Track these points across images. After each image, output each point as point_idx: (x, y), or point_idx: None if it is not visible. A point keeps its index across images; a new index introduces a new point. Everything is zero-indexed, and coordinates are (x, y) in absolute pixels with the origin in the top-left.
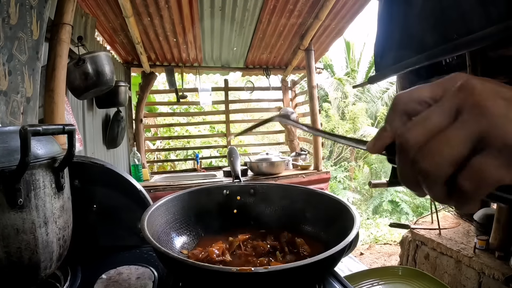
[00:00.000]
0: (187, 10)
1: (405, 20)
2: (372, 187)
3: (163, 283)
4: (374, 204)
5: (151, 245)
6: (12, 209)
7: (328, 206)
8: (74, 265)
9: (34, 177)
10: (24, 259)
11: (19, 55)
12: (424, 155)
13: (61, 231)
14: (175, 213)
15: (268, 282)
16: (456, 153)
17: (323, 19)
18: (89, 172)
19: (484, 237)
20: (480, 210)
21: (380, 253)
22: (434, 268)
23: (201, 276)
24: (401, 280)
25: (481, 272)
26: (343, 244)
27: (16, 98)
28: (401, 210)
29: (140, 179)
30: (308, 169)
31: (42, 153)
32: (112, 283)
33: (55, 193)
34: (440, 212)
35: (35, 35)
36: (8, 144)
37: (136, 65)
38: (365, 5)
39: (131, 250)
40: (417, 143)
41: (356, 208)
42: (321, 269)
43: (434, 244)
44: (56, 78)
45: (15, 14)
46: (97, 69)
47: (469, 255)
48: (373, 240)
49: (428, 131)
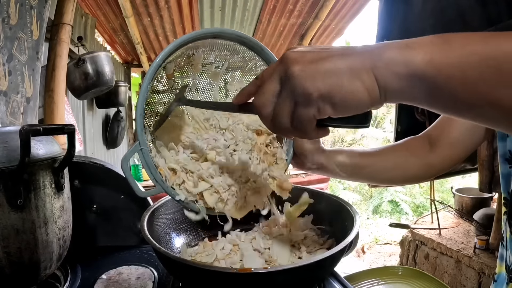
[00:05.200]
0: (187, 10)
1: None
2: (371, 186)
3: (163, 283)
4: (374, 204)
5: (151, 245)
6: (12, 209)
7: (328, 206)
8: (74, 265)
9: (34, 177)
10: (24, 259)
11: (19, 55)
12: (274, 117)
13: (61, 231)
14: (175, 213)
15: (268, 282)
16: (286, 110)
17: (323, 19)
18: (89, 172)
19: (484, 237)
20: (480, 210)
21: (380, 253)
22: (434, 268)
23: (201, 276)
24: (401, 280)
25: (481, 272)
26: (343, 244)
27: (16, 98)
28: (401, 210)
29: (140, 179)
30: None
31: (42, 153)
32: (112, 283)
33: (55, 193)
34: (440, 212)
35: (35, 35)
36: (8, 144)
37: (136, 65)
38: (365, 5)
39: (131, 250)
40: (265, 107)
41: (356, 208)
42: (321, 269)
43: (434, 244)
44: (56, 78)
45: (15, 14)
46: (97, 69)
47: (469, 255)
48: (373, 240)
49: (268, 96)
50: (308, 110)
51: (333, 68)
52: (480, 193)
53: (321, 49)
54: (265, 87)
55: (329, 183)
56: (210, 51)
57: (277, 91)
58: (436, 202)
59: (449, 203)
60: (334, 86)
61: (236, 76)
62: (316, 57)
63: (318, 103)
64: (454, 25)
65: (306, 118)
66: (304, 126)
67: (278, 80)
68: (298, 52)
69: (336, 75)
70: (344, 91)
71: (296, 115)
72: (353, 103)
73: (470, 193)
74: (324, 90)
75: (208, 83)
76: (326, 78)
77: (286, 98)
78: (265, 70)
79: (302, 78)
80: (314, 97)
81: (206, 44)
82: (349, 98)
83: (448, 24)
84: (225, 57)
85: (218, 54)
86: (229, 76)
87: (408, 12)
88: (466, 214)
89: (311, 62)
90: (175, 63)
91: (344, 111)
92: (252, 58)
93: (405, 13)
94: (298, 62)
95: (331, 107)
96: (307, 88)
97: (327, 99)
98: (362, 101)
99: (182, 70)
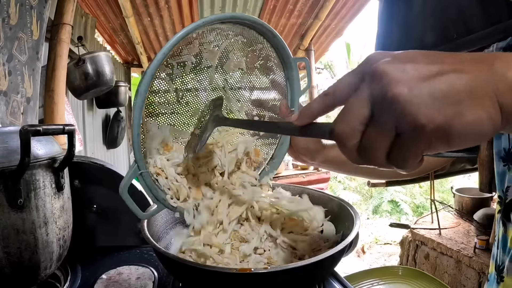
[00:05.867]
0: (187, 10)
1: (405, 20)
2: (371, 186)
3: (163, 283)
4: (374, 204)
5: (151, 245)
6: (12, 209)
7: (328, 206)
8: (74, 265)
9: (34, 177)
10: (24, 259)
11: (19, 55)
12: (362, 149)
13: (61, 231)
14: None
15: (268, 282)
16: (383, 143)
17: (323, 19)
18: (89, 172)
19: (484, 237)
20: (480, 210)
21: (380, 253)
22: (434, 268)
23: (201, 276)
24: (401, 280)
25: (481, 272)
26: (343, 244)
27: (16, 98)
28: (401, 210)
29: None
30: (308, 169)
31: (42, 153)
32: (112, 283)
33: (55, 193)
34: (440, 212)
35: (35, 35)
36: (8, 144)
37: (136, 65)
38: (365, 5)
39: (131, 250)
40: (350, 138)
41: (356, 208)
42: (321, 269)
43: (434, 244)
44: (56, 78)
45: (15, 14)
46: (97, 69)
47: (469, 255)
48: (373, 240)
49: (354, 125)
50: (416, 144)
51: (452, 91)
52: (480, 193)
53: (423, 60)
54: (348, 114)
55: (329, 183)
56: (210, 32)
57: (366, 117)
58: (436, 202)
59: (449, 203)
60: (454, 116)
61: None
62: (425, 74)
63: (431, 137)
64: (454, 25)
65: (414, 154)
66: (405, 163)
67: (368, 104)
68: (396, 64)
69: (455, 101)
70: (465, 122)
71: (398, 149)
72: (473, 135)
73: (470, 193)
74: (440, 121)
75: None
76: (443, 105)
77: (382, 128)
78: (339, 85)
79: (412, 105)
80: (427, 130)
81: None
82: (469, 130)
83: (448, 24)
84: (226, 37)
85: (219, 33)
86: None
87: (408, 12)
88: (466, 214)
89: (421, 80)
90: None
91: (460, 145)
92: (260, 42)
93: (405, 13)
94: (402, 79)
95: (446, 141)
96: (418, 119)
97: (442, 131)
98: (484, 132)
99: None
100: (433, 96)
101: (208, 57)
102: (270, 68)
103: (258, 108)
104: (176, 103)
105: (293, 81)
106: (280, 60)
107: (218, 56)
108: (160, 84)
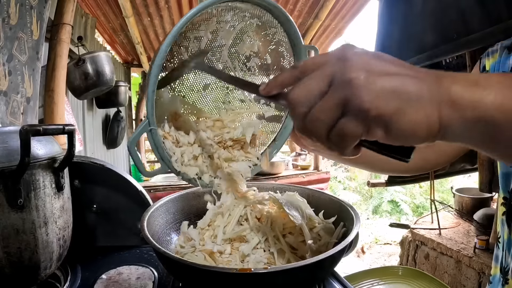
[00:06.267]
0: (187, 10)
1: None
2: (370, 186)
3: (163, 283)
4: (374, 204)
5: (151, 245)
6: (12, 209)
7: (328, 206)
8: (74, 265)
9: (34, 177)
10: (24, 259)
11: (19, 55)
12: (309, 119)
13: (61, 231)
14: (175, 213)
15: (268, 282)
16: (328, 117)
17: (323, 19)
18: (89, 172)
19: (484, 237)
20: (480, 210)
21: (380, 253)
22: (434, 268)
23: (201, 277)
24: (401, 280)
25: (481, 272)
26: (343, 244)
27: (16, 98)
28: (401, 210)
29: (140, 179)
30: (308, 169)
31: (42, 153)
32: (112, 283)
33: (55, 193)
34: (440, 212)
35: (35, 35)
36: (8, 144)
37: (136, 65)
38: (365, 5)
39: (131, 250)
40: (301, 105)
41: (356, 208)
42: (321, 269)
43: (434, 244)
44: (56, 78)
45: (15, 14)
46: (97, 69)
47: (469, 255)
48: (373, 240)
49: (309, 94)
50: (357, 126)
51: (402, 89)
52: (480, 193)
53: (386, 61)
54: (308, 82)
55: (329, 183)
56: (228, 11)
57: (322, 91)
58: (436, 202)
59: (449, 203)
60: (397, 111)
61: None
62: (384, 70)
63: (371, 123)
64: (454, 25)
65: (351, 134)
66: (343, 141)
67: (328, 79)
68: (363, 56)
69: (402, 98)
70: (406, 119)
71: (339, 127)
72: (409, 134)
73: (470, 193)
74: (384, 111)
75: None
76: (391, 98)
77: (333, 103)
78: (308, 61)
79: (364, 90)
80: (370, 115)
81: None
82: (407, 127)
83: (448, 24)
84: (242, 18)
85: (237, 13)
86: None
87: (408, 12)
88: (466, 214)
89: (379, 74)
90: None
91: (396, 140)
92: (274, 27)
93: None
94: (363, 68)
95: (384, 131)
96: (365, 103)
97: (383, 121)
98: (419, 134)
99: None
100: (385, 89)
101: (224, 36)
102: (281, 53)
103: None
104: (188, 75)
105: None
106: (291, 46)
107: (233, 37)
108: (177, 52)
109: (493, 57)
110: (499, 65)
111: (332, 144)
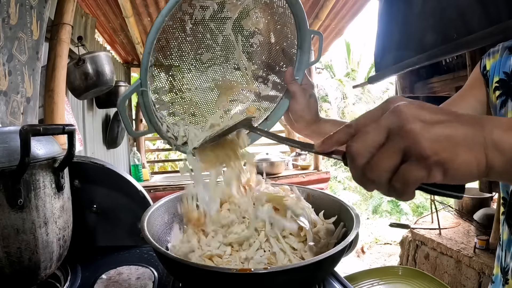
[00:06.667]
0: None
1: (405, 20)
2: None
3: (163, 283)
4: (373, 204)
5: (151, 245)
6: (12, 209)
7: (329, 206)
8: (74, 265)
9: (34, 177)
10: (24, 259)
11: (19, 55)
12: (369, 168)
13: (61, 231)
14: (175, 213)
15: (268, 282)
16: (390, 165)
17: (323, 19)
18: (89, 172)
19: (484, 237)
20: (480, 210)
21: (380, 253)
22: (434, 268)
23: (201, 277)
24: (401, 280)
25: (481, 272)
26: (343, 244)
27: (16, 98)
28: (401, 210)
29: (140, 179)
30: (308, 169)
31: (42, 153)
32: (112, 283)
33: (55, 193)
34: (440, 212)
35: (35, 35)
36: (8, 144)
37: (136, 65)
38: (365, 5)
39: (131, 250)
40: (362, 157)
41: (356, 208)
42: (321, 269)
43: (434, 244)
44: (56, 78)
45: (15, 14)
46: (97, 69)
47: (469, 255)
48: (373, 240)
49: (368, 146)
50: (418, 172)
51: (454, 134)
52: (480, 193)
53: (433, 109)
54: (366, 136)
55: (329, 183)
56: None
57: (379, 143)
58: (436, 202)
59: (449, 203)
60: (452, 154)
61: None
62: (436, 119)
63: (431, 167)
64: (454, 25)
65: (414, 179)
66: (405, 187)
67: (386, 131)
68: (411, 108)
69: (455, 143)
70: (460, 161)
71: (402, 174)
72: (463, 174)
73: (470, 193)
74: (442, 156)
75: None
76: (447, 144)
77: (393, 152)
78: (360, 119)
79: (423, 138)
80: (431, 160)
81: None
82: (461, 168)
83: (448, 24)
84: None
85: None
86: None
87: (408, 12)
88: (466, 214)
89: (433, 123)
90: None
91: (452, 180)
92: (281, 6)
93: (405, 13)
94: (417, 119)
95: (442, 174)
96: (427, 149)
97: (441, 165)
98: (471, 173)
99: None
100: (440, 136)
101: (230, 9)
102: (286, 34)
103: (264, 70)
104: (189, 45)
105: (303, 51)
106: (296, 28)
107: (239, 11)
108: (179, 18)
109: (493, 58)
110: (499, 65)
111: (394, 190)
